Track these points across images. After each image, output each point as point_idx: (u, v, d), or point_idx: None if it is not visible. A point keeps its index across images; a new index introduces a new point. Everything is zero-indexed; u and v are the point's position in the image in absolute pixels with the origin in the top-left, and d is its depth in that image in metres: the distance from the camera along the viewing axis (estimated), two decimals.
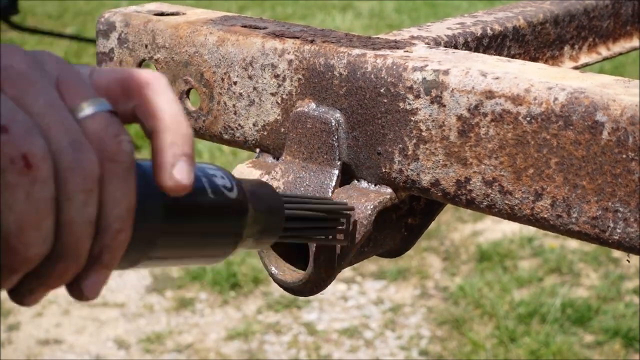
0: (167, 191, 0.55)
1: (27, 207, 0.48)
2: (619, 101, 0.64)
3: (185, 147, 0.55)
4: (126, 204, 0.52)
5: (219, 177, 0.62)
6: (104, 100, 0.53)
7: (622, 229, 0.65)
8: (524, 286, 3.33)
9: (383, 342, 3.08)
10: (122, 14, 0.92)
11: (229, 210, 0.62)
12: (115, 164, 0.52)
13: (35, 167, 0.48)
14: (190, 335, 3.14)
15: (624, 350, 2.97)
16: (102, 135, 0.51)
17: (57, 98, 0.51)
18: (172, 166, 0.54)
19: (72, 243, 0.51)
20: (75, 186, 0.50)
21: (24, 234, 0.48)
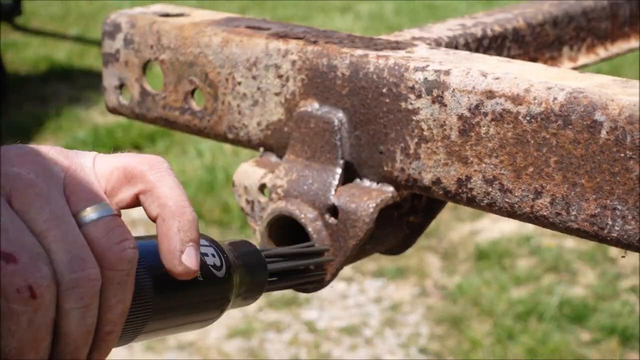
0: (177, 276, 0.57)
1: (28, 333, 0.50)
2: (617, 101, 0.66)
3: (191, 233, 0.58)
4: (120, 309, 0.54)
5: (210, 256, 0.64)
6: (107, 205, 0.55)
7: (620, 226, 0.67)
8: (521, 285, 3.34)
9: (382, 340, 3.09)
10: (128, 15, 0.93)
11: (217, 287, 0.65)
12: (114, 272, 0.53)
13: (39, 296, 0.50)
14: (191, 334, 3.15)
15: (620, 348, 2.98)
16: (103, 243, 0.53)
17: (63, 207, 0.53)
18: (181, 252, 0.56)
19: (69, 353, 0.53)
20: (74, 303, 0.52)
21: (23, 356, 0.51)
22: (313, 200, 0.80)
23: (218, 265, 0.65)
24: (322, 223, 0.80)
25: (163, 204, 0.57)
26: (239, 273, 0.67)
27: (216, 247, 0.66)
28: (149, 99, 0.93)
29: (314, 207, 0.80)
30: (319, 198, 0.80)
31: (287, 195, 0.82)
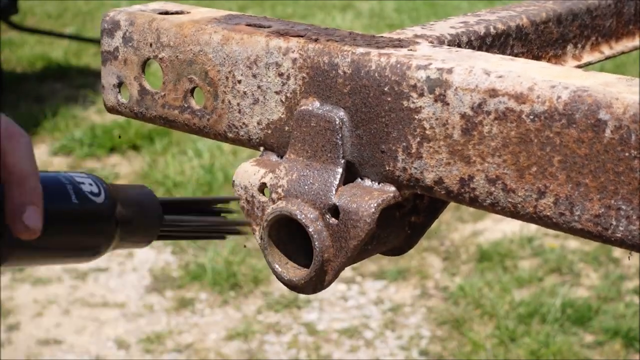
0: (20, 235, 0.62)
1: None
2: (622, 99, 0.65)
3: (33, 197, 0.62)
4: None
5: (87, 184, 0.68)
6: None
7: (624, 226, 0.66)
8: (524, 286, 3.33)
9: (383, 342, 3.08)
10: (126, 12, 0.93)
11: (96, 214, 0.67)
12: None
13: None
14: (190, 335, 3.14)
15: (624, 350, 2.97)
16: None
17: None
18: (22, 213, 0.62)
19: None
20: None
21: None
22: (314, 200, 0.79)
23: (96, 192, 0.68)
24: (323, 223, 0.79)
25: (10, 171, 0.62)
26: (124, 209, 0.70)
27: (96, 180, 0.69)
28: (148, 97, 0.92)
29: (314, 207, 0.79)
30: (319, 198, 0.79)
31: (287, 195, 0.81)
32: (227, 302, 3.33)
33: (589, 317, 3.10)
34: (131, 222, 0.72)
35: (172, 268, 3.57)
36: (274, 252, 0.82)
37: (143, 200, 0.74)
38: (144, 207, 0.74)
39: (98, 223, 0.68)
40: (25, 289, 3.45)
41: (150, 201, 0.75)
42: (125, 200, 0.71)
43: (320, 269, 0.79)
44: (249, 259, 3.57)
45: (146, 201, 0.74)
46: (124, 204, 0.71)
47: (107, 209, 0.68)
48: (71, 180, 0.67)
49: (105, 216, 0.68)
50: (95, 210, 0.67)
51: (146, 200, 0.74)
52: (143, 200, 0.74)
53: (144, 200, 0.74)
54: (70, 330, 3.19)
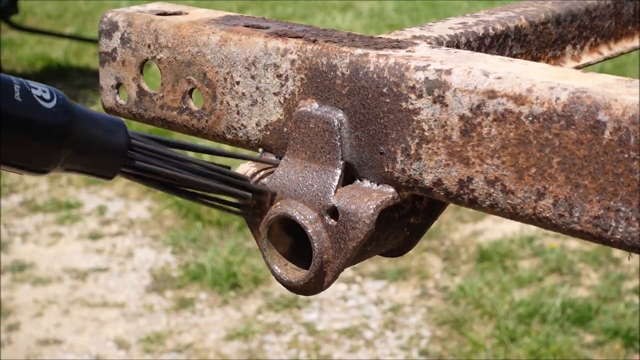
0: None
1: None
2: (621, 101, 0.65)
3: None
4: None
5: (40, 90, 0.63)
6: None
7: (624, 228, 0.66)
8: (524, 286, 3.33)
9: (383, 342, 3.08)
10: (124, 13, 0.92)
11: (42, 119, 0.62)
12: None
13: None
14: (190, 335, 3.14)
15: (624, 350, 2.97)
16: None
17: None
18: None
19: None
20: None
21: None
22: (313, 201, 0.79)
23: (47, 98, 0.63)
24: (322, 224, 0.79)
25: None
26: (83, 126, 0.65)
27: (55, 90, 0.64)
28: (147, 98, 0.92)
29: (313, 208, 0.79)
30: (318, 199, 0.79)
31: (286, 197, 0.81)
32: (227, 302, 3.33)
33: (589, 317, 3.10)
34: (85, 143, 0.66)
35: (172, 268, 3.57)
36: (273, 253, 0.82)
37: (108, 126, 0.69)
38: (107, 134, 0.68)
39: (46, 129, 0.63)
40: (25, 289, 3.45)
41: (116, 130, 0.69)
42: (85, 120, 0.66)
43: (319, 270, 0.79)
44: (249, 259, 3.57)
45: (112, 128, 0.69)
46: (81, 122, 0.65)
47: (54, 116, 0.63)
48: (21, 82, 0.63)
49: (53, 124, 0.63)
50: (41, 114, 0.62)
51: (112, 127, 0.69)
52: (108, 127, 0.68)
53: (110, 127, 0.69)
54: (70, 330, 3.19)
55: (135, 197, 4.20)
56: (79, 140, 0.66)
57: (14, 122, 0.62)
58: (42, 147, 0.64)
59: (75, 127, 0.66)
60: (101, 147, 0.69)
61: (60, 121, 0.64)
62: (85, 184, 4.32)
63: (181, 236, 3.77)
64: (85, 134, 0.67)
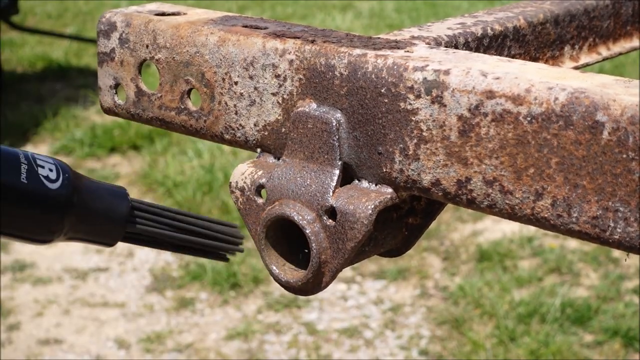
0: None
1: None
2: (619, 101, 0.64)
3: None
4: None
5: (47, 169, 0.66)
6: None
7: (622, 228, 0.66)
8: (523, 286, 3.33)
9: (383, 341, 3.08)
10: (123, 14, 0.92)
11: (46, 200, 0.65)
12: None
13: None
14: (190, 335, 3.14)
15: (623, 350, 2.97)
16: None
17: None
18: None
19: None
20: None
21: None
22: (311, 201, 0.79)
23: (53, 178, 0.66)
24: (320, 225, 0.79)
25: None
26: (83, 203, 0.68)
27: (61, 167, 0.67)
28: (145, 99, 0.92)
29: (311, 208, 0.79)
30: (316, 199, 0.79)
31: (284, 197, 0.81)
32: (227, 302, 3.33)
33: (588, 317, 3.10)
34: (89, 217, 0.69)
35: (172, 268, 3.57)
36: (271, 253, 0.82)
37: (111, 199, 0.72)
38: (110, 207, 0.72)
39: (49, 210, 0.66)
40: (25, 289, 3.45)
41: (119, 202, 0.72)
42: (89, 195, 0.70)
43: (317, 271, 0.79)
44: (249, 259, 3.57)
45: (115, 201, 0.72)
46: (85, 198, 0.69)
47: (58, 197, 0.66)
48: (29, 160, 0.65)
49: (53, 204, 0.66)
50: (44, 195, 0.65)
51: (115, 200, 0.72)
52: (111, 199, 0.72)
53: (113, 200, 0.72)
54: (70, 330, 3.19)
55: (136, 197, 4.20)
56: (82, 214, 0.70)
57: (19, 202, 0.65)
58: (45, 222, 0.67)
59: (79, 204, 0.69)
60: (104, 219, 0.72)
61: (63, 201, 0.67)
62: None
63: None
64: (89, 208, 0.70)
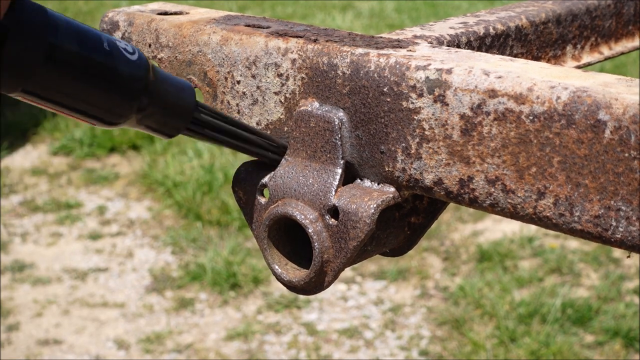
0: None
1: None
2: (621, 100, 0.65)
3: None
4: None
5: (123, 43, 0.67)
6: None
7: (624, 227, 0.66)
8: (524, 286, 3.33)
9: (383, 342, 3.08)
10: (125, 13, 0.92)
11: (127, 69, 0.66)
12: None
13: None
14: (190, 335, 3.14)
15: (624, 351, 2.97)
16: None
17: None
18: None
19: None
20: None
21: None
22: (313, 201, 0.79)
23: (130, 51, 0.67)
24: (322, 224, 0.79)
25: None
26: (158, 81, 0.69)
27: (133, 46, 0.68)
28: None
29: (314, 208, 0.79)
30: (319, 199, 0.79)
31: (287, 196, 0.81)
32: (227, 302, 3.33)
33: (589, 317, 3.10)
34: (160, 97, 0.69)
35: (172, 268, 3.57)
36: (274, 253, 0.82)
37: (180, 85, 0.72)
38: (178, 91, 0.72)
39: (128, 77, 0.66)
40: (25, 289, 3.45)
41: (187, 91, 0.73)
42: (161, 76, 0.70)
43: (319, 270, 0.79)
44: (249, 259, 3.57)
45: (183, 88, 0.72)
46: (158, 77, 0.69)
47: (137, 67, 0.67)
48: (107, 36, 0.66)
49: (134, 73, 0.67)
50: (126, 64, 0.66)
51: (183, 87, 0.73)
52: (180, 85, 0.72)
53: (181, 86, 0.72)
54: (70, 330, 3.19)
55: (135, 197, 4.20)
56: (156, 94, 0.69)
57: (102, 70, 0.65)
58: (122, 96, 0.67)
59: (153, 81, 0.69)
60: (173, 104, 0.72)
61: (142, 72, 0.68)
62: (85, 184, 4.32)
63: (181, 236, 3.77)
64: (162, 89, 0.70)
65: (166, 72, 0.72)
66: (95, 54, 0.64)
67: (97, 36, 0.65)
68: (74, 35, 0.63)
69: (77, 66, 0.63)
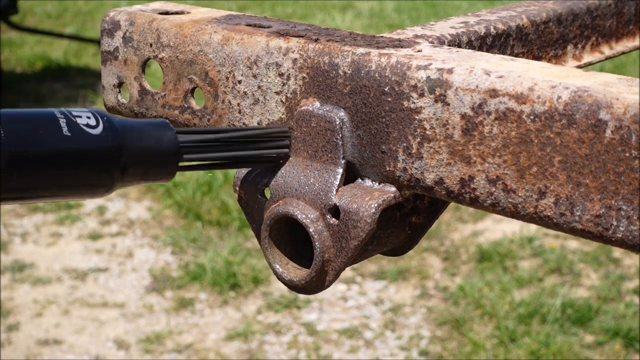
0: None
1: None
2: (622, 100, 0.65)
3: None
4: None
5: (84, 118, 0.65)
6: None
7: (625, 227, 0.66)
8: (524, 286, 3.33)
9: (383, 342, 3.08)
10: (126, 12, 0.92)
11: (93, 147, 0.64)
12: None
13: None
14: (190, 336, 3.14)
15: (624, 351, 2.97)
16: None
17: None
18: None
19: None
20: None
21: None
22: (314, 200, 0.79)
23: (93, 124, 0.65)
24: (323, 223, 0.79)
25: None
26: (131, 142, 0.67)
27: (97, 112, 0.66)
28: (148, 97, 0.92)
29: (315, 207, 0.79)
30: (320, 198, 0.79)
31: (288, 196, 0.81)
32: (227, 302, 3.33)
33: (589, 317, 3.10)
34: (139, 155, 0.68)
35: (172, 268, 3.57)
36: (275, 252, 0.82)
37: (156, 128, 0.71)
38: (157, 140, 0.70)
39: (98, 156, 0.65)
40: (25, 289, 3.45)
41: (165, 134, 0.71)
42: (133, 133, 0.68)
43: (320, 269, 0.79)
44: (249, 259, 3.56)
45: (160, 134, 0.71)
46: (131, 137, 0.68)
47: (104, 140, 0.65)
48: (65, 113, 0.64)
49: (102, 148, 0.65)
50: (91, 142, 0.64)
51: (161, 133, 0.71)
52: (157, 134, 0.70)
53: (158, 134, 0.71)
54: (70, 330, 3.19)
55: (135, 197, 4.20)
56: (133, 155, 0.68)
57: (68, 157, 0.64)
58: (100, 172, 0.66)
59: (126, 144, 0.67)
60: (155, 155, 0.70)
61: (111, 143, 0.66)
62: None
63: (181, 236, 3.77)
64: (137, 147, 0.69)
65: (136, 121, 0.70)
66: (56, 146, 0.62)
67: (54, 123, 0.63)
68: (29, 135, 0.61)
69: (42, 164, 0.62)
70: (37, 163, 0.62)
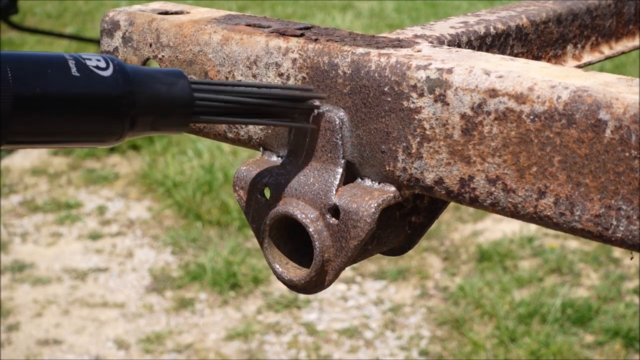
0: None
1: None
2: (622, 99, 0.65)
3: None
4: None
5: (94, 60, 0.62)
6: None
7: (625, 226, 0.66)
8: (524, 286, 3.33)
9: (383, 342, 3.08)
10: (126, 12, 0.92)
11: (103, 90, 0.62)
12: None
13: None
14: (190, 336, 3.14)
15: (624, 351, 2.97)
16: None
17: None
18: None
19: None
20: None
21: None
22: (314, 200, 0.79)
23: (103, 66, 0.62)
24: (323, 223, 0.79)
25: None
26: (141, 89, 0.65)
27: (107, 57, 0.64)
28: None
29: (314, 207, 0.79)
30: (320, 198, 0.79)
31: (287, 196, 0.81)
32: (227, 302, 3.33)
33: (589, 317, 3.10)
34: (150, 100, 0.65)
35: (172, 268, 3.57)
36: (275, 252, 0.82)
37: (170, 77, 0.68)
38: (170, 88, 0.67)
39: (107, 98, 0.62)
40: (25, 289, 3.45)
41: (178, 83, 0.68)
42: (145, 79, 0.66)
43: (320, 269, 0.79)
44: (249, 259, 3.57)
45: (173, 82, 0.68)
46: (142, 82, 0.65)
47: (114, 84, 0.62)
48: (74, 56, 0.62)
49: (113, 92, 0.63)
50: (101, 84, 0.62)
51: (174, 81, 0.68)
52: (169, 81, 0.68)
53: (171, 81, 0.68)
54: (70, 330, 3.19)
55: (135, 197, 4.20)
56: (144, 102, 0.65)
57: (77, 99, 0.61)
58: (109, 117, 0.63)
59: (137, 90, 0.65)
60: (167, 103, 0.67)
61: (121, 86, 0.64)
62: (85, 184, 4.32)
63: (181, 236, 3.77)
64: (149, 93, 0.66)
65: (151, 69, 0.68)
66: (64, 86, 0.61)
67: (62, 64, 0.61)
68: (37, 74, 0.59)
69: (50, 105, 0.60)
70: (44, 103, 0.59)
